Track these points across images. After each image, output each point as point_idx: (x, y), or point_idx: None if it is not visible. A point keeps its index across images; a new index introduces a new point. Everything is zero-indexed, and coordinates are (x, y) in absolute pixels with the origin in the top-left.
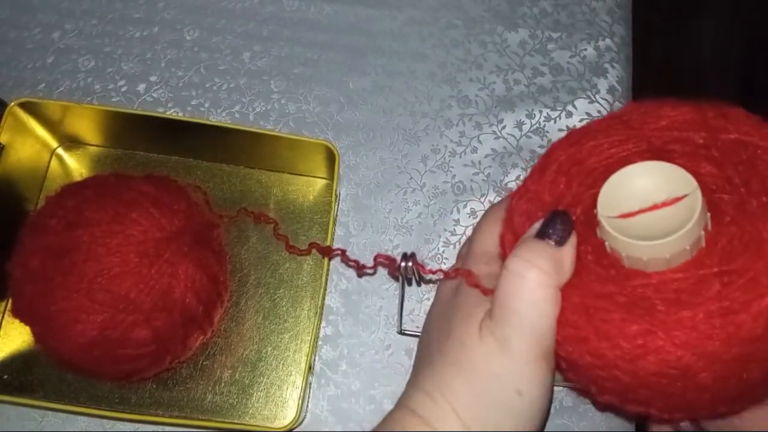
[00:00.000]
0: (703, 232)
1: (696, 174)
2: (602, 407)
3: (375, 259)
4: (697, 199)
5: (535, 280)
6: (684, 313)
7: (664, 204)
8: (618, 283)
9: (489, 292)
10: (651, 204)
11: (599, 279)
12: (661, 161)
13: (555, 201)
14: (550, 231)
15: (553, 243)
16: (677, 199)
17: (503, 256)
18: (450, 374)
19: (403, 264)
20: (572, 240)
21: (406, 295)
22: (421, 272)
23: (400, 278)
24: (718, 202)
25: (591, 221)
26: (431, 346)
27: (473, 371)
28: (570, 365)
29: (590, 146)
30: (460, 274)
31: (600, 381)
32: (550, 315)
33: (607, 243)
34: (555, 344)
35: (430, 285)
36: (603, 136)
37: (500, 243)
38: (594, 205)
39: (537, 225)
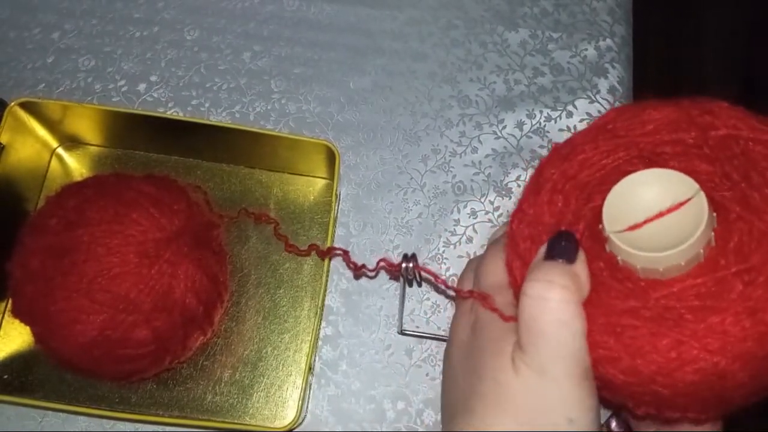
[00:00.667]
0: (712, 233)
1: (692, 174)
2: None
3: (378, 263)
4: (701, 200)
5: (558, 299)
6: (712, 318)
7: (669, 210)
8: (639, 297)
9: (510, 319)
10: (656, 212)
11: (619, 295)
12: (658, 168)
13: (556, 220)
14: (558, 251)
15: (563, 262)
16: (681, 204)
17: (514, 284)
18: (492, 416)
19: (404, 265)
20: (581, 256)
21: (406, 296)
22: (421, 275)
23: (401, 279)
24: (720, 200)
25: (597, 236)
26: (463, 391)
27: (517, 408)
28: (605, 384)
29: (581, 160)
30: (476, 297)
31: (637, 396)
32: (581, 332)
33: (619, 257)
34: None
35: (431, 285)
36: (592, 148)
37: (508, 271)
38: (596, 219)
39: (543, 248)
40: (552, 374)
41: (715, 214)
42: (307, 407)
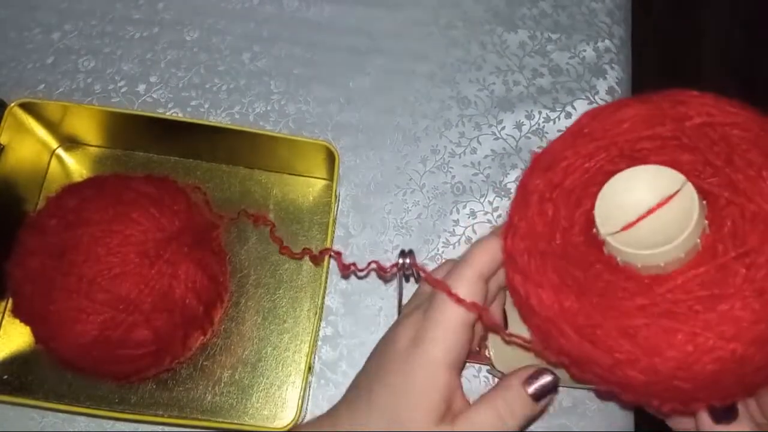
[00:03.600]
0: (706, 221)
1: (675, 165)
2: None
3: (368, 264)
4: (690, 191)
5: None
6: (722, 306)
7: (660, 205)
8: (646, 295)
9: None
10: (647, 209)
11: (625, 295)
12: (641, 165)
13: (549, 229)
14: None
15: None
16: (671, 197)
17: (518, 301)
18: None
19: (401, 261)
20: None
21: (404, 293)
22: (415, 270)
23: (398, 275)
24: (707, 188)
25: (593, 240)
26: (365, 390)
27: None
28: (626, 387)
29: (564, 167)
30: (476, 309)
31: (659, 394)
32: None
33: (618, 258)
34: (605, 373)
35: None
36: (572, 154)
37: (510, 289)
38: (589, 223)
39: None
40: None
41: (705, 202)
42: (307, 407)
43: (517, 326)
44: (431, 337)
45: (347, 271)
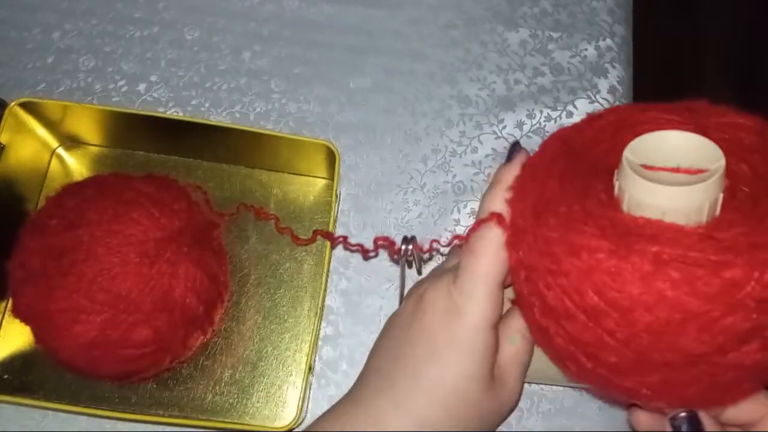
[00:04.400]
0: (707, 205)
1: (731, 170)
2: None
3: (375, 241)
4: (717, 173)
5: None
6: (651, 247)
7: (687, 170)
8: (608, 211)
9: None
10: (675, 166)
11: (593, 204)
12: (701, 136)
13: (593, 141)
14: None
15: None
16: (700, 171)
17: (524, 166)
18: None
19: (403, 247)
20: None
21: (406, 281)
22: (417, 256)
23: (401, 262)
24: (737, 193)
25: (613, 169)
26: (400, 370)
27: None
28: (527, 272)
29: (650, 115)
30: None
31: (545, 291)
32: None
33: (617, 183)
34: (524, 248)
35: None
36: (665, 113)
37: (528, 158)
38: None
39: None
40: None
41: (722, 196)
42: (307, 407)
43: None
44: (472, 307)
45: (366, 254)
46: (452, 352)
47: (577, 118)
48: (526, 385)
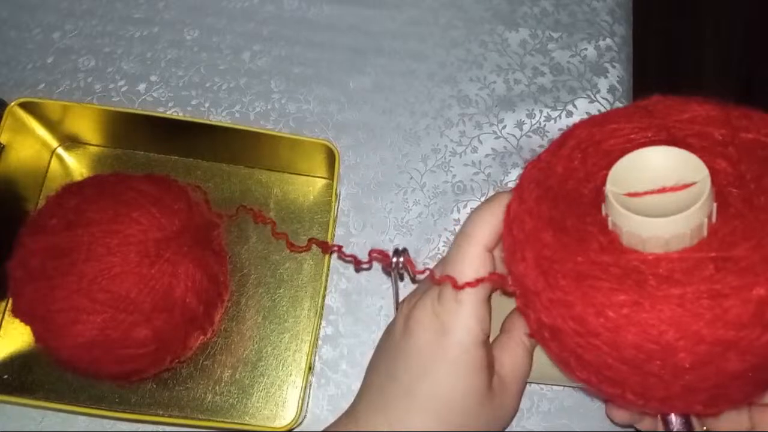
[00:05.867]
0: (706, 221)
1: (710, 169)
2: (582, 386)
3: (369, 254)
4: (705, 186)
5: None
6: (673, 290)
7: (673, 188)
8: (613, 255)
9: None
10: (660, 187)
11: (596, 249)
12: (676, 147)
13: (567, 174)
14: None
15: None
16: (686, 186)
17: (506, 220)
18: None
19: (394, 260)
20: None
21: (401, 292)
22: (410, 269)
23: (393, 274)
24: (726, 196)
25: (599, 200)
26: (393, 390)
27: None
28: (552, 333)
29: (611, 129)
30: (444, 280)
31: (580, 351)
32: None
33: (610, 219)
34: (542, 310)
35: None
36: (625, 121)
37: (506, 211)
38: (604, 184)
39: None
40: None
41: (715, 205)
42: (307, 407)
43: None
44: (457, 324)
45: (358, 265)
46: (443, 370)
47: (576, 118)
48: (526, 386)
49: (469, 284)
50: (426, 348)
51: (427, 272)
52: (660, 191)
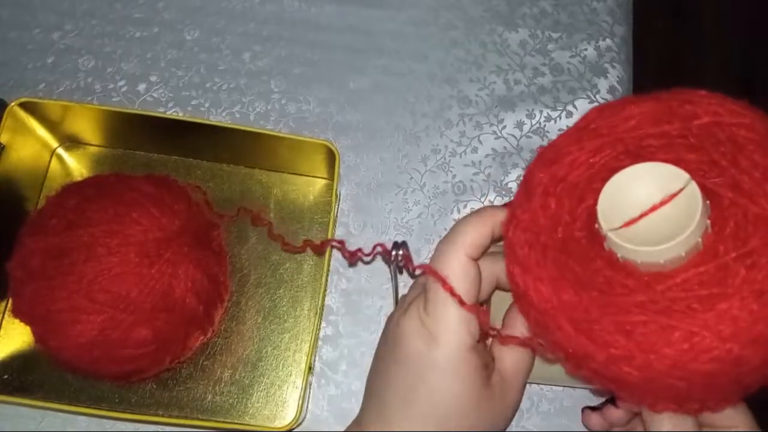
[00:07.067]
0: (708, 221)
1: (680, 163)
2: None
3: (374, 247)
4: (694, 190)
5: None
6: (721, 305)
7: (663, 203)
8: (645, 292)
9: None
10: (650, 206)
11: (624, 291)
12: (646, 162)
13: (551, 223)
14: None
15: None
16: (674, 195)
17: (516, 290)
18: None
19: (393, 252)
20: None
21: (401, 287)
22: (407, 263)
23: (392, 267)
24: (712, 187)
25: (594, 235)
26: (392, 399)
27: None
28: (620, 384)
29: (569, 162)
30: (473, 311)
31: (654, 392)
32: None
33: (618, 254)
34: (601, 368)
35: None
36: (577, 149)
37: (510, 278)
38: (591, 218)
39: None
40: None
41: (708, 202)
42: (307, 407)
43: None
44: (443, 331)
45: (354, 258)
46: (436, 376)
47: (576, 118)
48: (526, 386)
49: (460, 300)
50: (416, 357)
51: (422, 267)
52: (652, 210)
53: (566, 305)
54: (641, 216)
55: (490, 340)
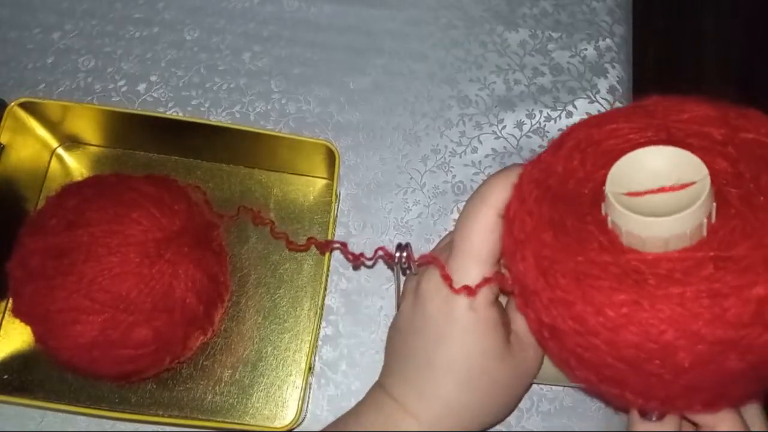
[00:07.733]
0: (705, 221)
1: (710, 168)
2: (582, 387)
3: (375, 251)
4: (705, 186)
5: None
6: (673, 289)
7: (672, 188)
8: (613, 255)
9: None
10: (659, 186)
11: (596, 248)
12: (676, 147)
13: (566, 174)
14: None
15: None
16: (685, 185)
17: (507, 221)
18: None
19: (397, 255)
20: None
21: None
22: (412, 264)
23: (395, 269)
24: (726, 195)
25: (599, 200)
26: (416, 365)
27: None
28: (552, 332)
29: (610, 129)
30: (496, 281)
31: (579, 350)
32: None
33: (609, 218)
34: (541, 310)
35: None
36: (624, 121)
37: (507, 207)
38: (604, 184)
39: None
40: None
41: (714, 204)
42: (307, 407)
43: None
44: (465, 282)
45: (357, 262)
46: (457, 333)
47: (576, 118)
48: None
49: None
50: (437, 315)
51: (426, 262)
52: (659, 191)
53: (539, 241)
54: (646, 192)
55: (506, 301)
